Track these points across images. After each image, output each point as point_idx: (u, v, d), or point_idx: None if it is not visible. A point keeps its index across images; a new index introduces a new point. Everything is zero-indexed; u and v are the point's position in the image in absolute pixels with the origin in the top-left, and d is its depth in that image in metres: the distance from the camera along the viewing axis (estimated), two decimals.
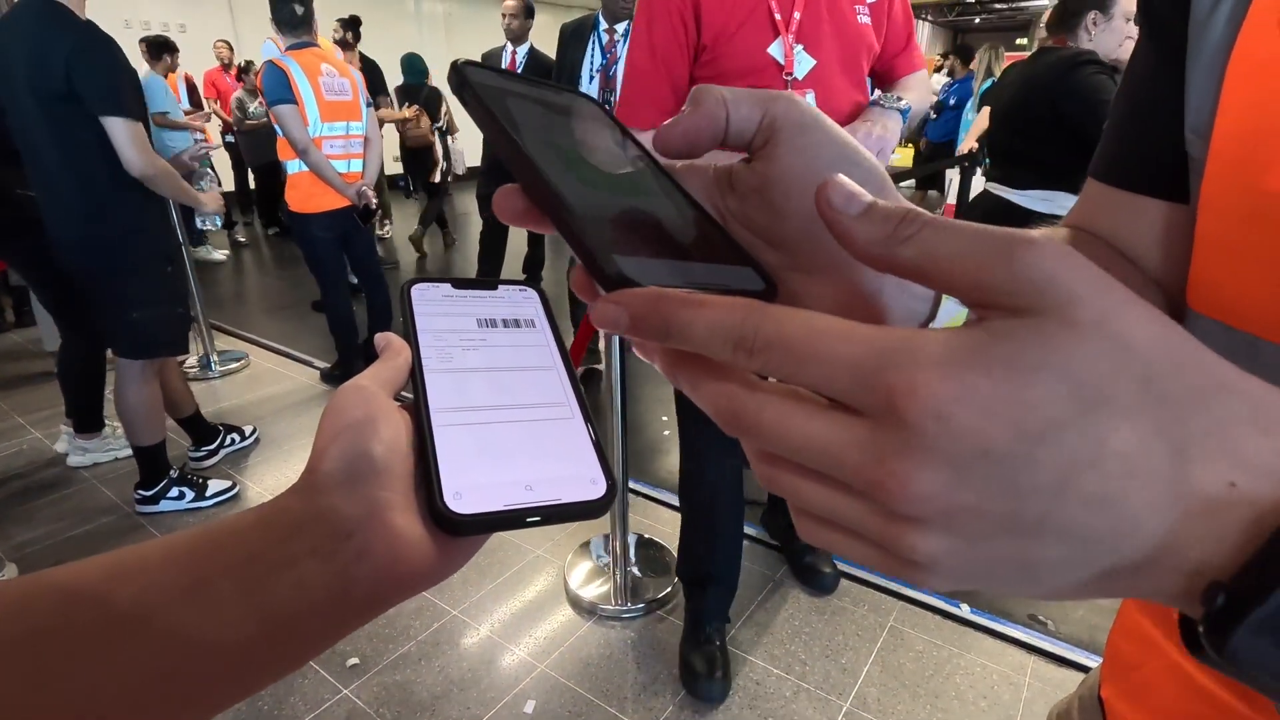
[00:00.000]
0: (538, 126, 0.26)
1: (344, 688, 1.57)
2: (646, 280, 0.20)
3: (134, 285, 2.01)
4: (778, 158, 0.23)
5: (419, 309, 0.32)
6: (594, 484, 0.28)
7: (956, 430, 0.15)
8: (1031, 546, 0.16)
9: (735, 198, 0.26)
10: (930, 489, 0.16)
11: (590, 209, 0.23)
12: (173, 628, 0.22)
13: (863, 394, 0.17)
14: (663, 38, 1.23)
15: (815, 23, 1.19)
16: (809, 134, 0.23)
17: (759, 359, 0.18)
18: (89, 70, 1.81)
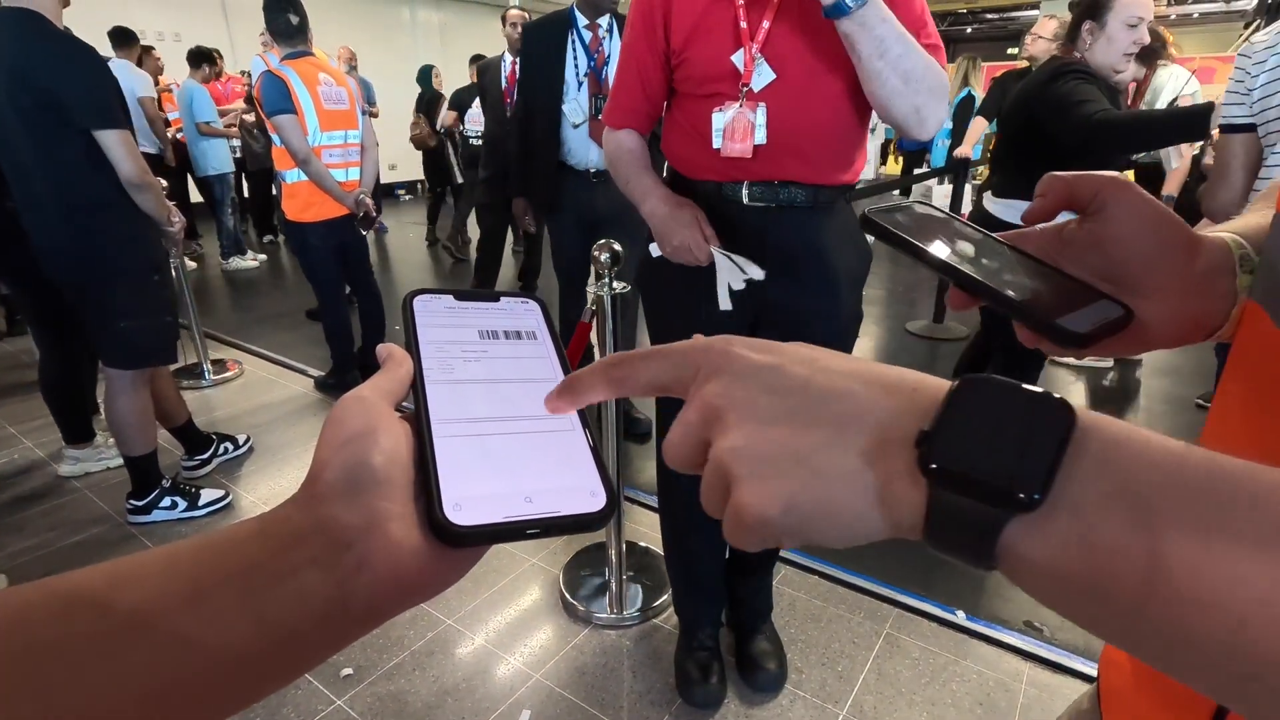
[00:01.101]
0: (938, 242, 0.36)
1: (338, 698, 1.55)
2: (1078, 327, 0.32)
3: (121, 295, 2.00)
4: (1112, 222, 0.35)
5: (421, 320, 0.32)
6: (594, 496, 0.28)
7: (738, 356, 0.26)
8: (798, 433, 0.23)
9: (1071, 250, 0.36)
10: (720, 386, 0.25)
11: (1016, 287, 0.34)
12: (172, 637, 0.22)
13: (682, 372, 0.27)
14: (639, 40, 1.22)
15: (787, 35, 1.13)
16: (1136, 207, 0.35)
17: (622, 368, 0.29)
18: (75, 84, 1.80)
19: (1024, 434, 0.21)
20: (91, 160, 1.86)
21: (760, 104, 1.15)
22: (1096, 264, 0.35)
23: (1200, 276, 0.35)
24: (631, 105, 1.29)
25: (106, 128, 1.84)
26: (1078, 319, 0.32)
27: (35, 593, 0.22)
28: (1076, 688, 1.56)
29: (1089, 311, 0.33)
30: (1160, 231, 0.34)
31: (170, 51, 6.86)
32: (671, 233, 1.19)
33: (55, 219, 1.90)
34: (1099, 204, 0.35)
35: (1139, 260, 0.34)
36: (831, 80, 1.15)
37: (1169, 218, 0.34)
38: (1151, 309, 0.34)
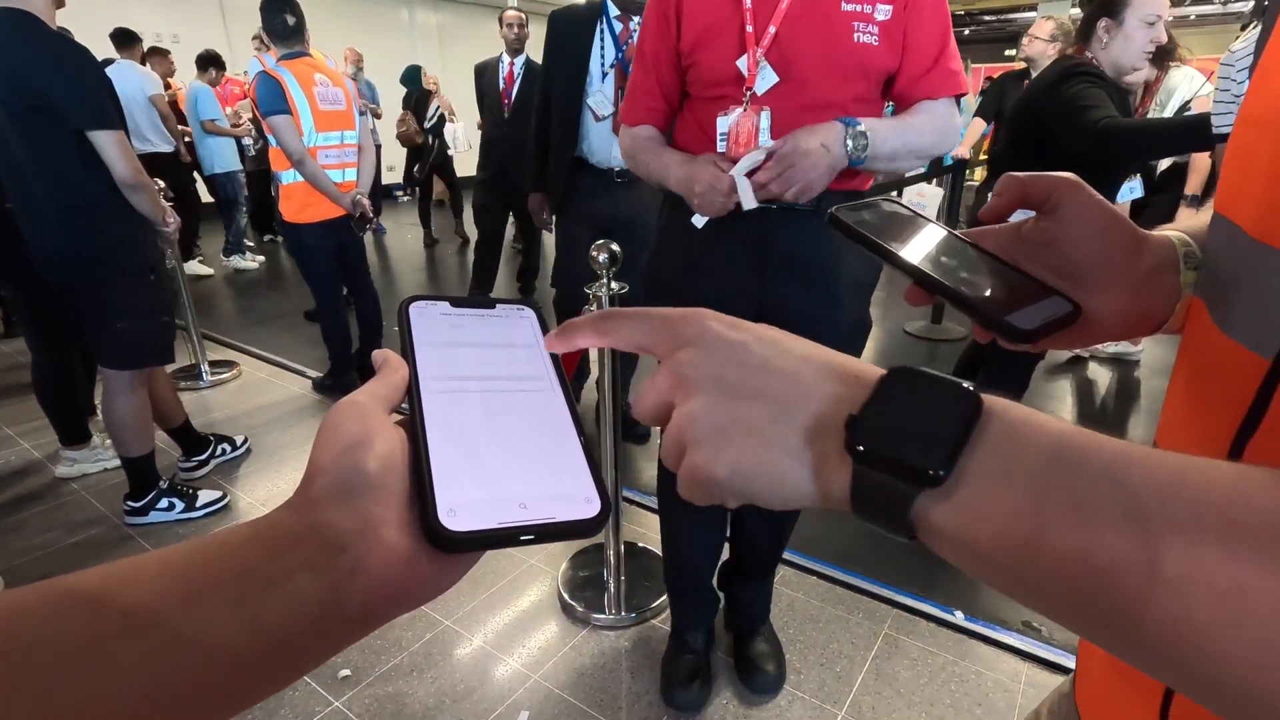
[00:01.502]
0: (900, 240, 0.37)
1: (335, 700, 1.55)
2: (1025, 324, 0.33)
3: (117, 295, 2.00)
4: (1066, 222, 0.37)
5: (416, 327, 0.32)
6: (588, 503, 0.28)
7: (711, 330, 0.29)
8: (750, 406, 0.26)
9: (1028, 247, 0.38)
10: (691, 355, 0.28)
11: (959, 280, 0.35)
12: (166, 639, 0.22)
13: (663, 337, 0.29)
14: (653, 40, 1.24)
15: (793, 40, 1.13)
16: (1088, 207, 0.37)
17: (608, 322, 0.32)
18: (70, 85, 1.79)
19: (935, 419, 0.24)
20: (85, 161, 1.86)
21: (764, 108, 1.15)
22: (1050, 261, 0.37)
23: (1146, 273, 0.37)
24: (649, 103, 1.30)
25: (100, 128, 1.83)
26: (1027, 315, 0.34)
27: (30, 595, 0.22)
28: None
29: (1039, 307, 0.34)
30: (1109, 231, 0.36)
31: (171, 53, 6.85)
32: (693, 183, 1.17)
33: (50, 220, 1.89)
34: (1053, 204, 0.37)
35: (1088, 257, 0.36)
36: (837, 85, 1.15)
37: (1117, 218, 0.36)
38: (1100, 304, 0.36)
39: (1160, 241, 0.38)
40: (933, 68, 1.19)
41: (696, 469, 0.26)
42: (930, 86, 1.20)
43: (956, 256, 0.37)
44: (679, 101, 1.30)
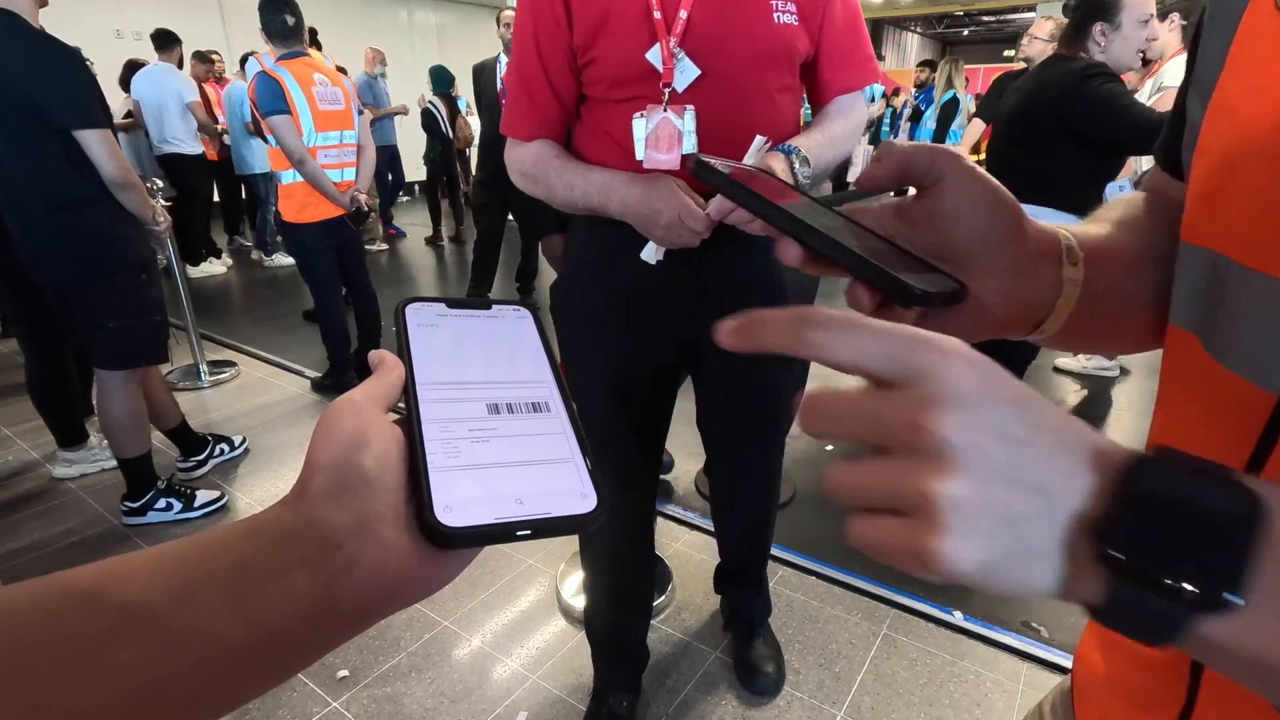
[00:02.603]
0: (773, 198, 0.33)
1: (333, 700, 1.55)
2: (921, 285, 0.29)
3: (108, 295, 1.99)
4: (947, 198, 0.34)
5: (413, 327, 0.32)
6: (584, 498, 0.29)
7: (974, 379, 0.22)
8: (1014, 495, 0.21)
9: (905, 226, 0.35)
10: (957, 420, 0.21)
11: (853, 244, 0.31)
12: (160, 636, 0.22)
13: (899, 366, 0.22)
14: (542, 36, 1.04)
15: (708, 24, 0.98)
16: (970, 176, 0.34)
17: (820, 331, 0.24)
18: (53, 85, 1.78)
19: (1206, 524, 0.20)
20: (71, 160, 1.85)
21: (687, 107, 1.00)
22: (929, 240, 0.35)
23: (1028, 259, 0.35)
24: (543, 113, 1.08)
25: (86, 127, 1.83)
26: (915, 279, 0.30)
27: (24, 591, 0.22)
28: None
29: (926, 279, 0.31)
30: (991, 208, 0.34)
31: None
32: (657, 213, 0.98)
33: (38, 220, 1.89)
34: (934, 177, 0.34)
35: (970, 235, 0.34)
36: (763, 74, 1.02)
37: (1000, 195, 0.34)
38: (983, 288, 0.34)
39: (1043, 229, 0.36)
40: (852, 53, 1.11)
41: (937, 558, 0.21)
42: (852, 77, 1.12)
43: (834, 221, 0.34)
44: (576, 107, 1.11)
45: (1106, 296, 0.38)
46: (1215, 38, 0.32)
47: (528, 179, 1.12)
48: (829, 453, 2.65)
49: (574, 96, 1.09)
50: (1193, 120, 0.35)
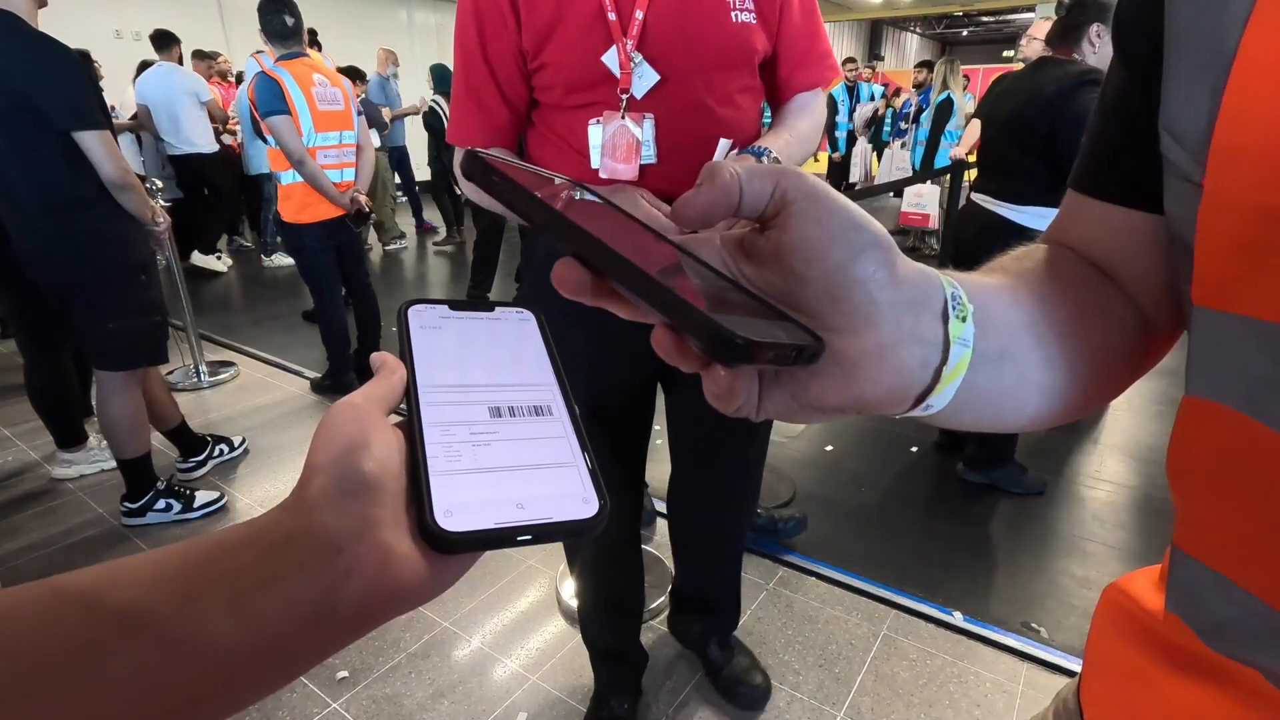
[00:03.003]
0: (570, 209, 0.27)
1: (333, 701, 1.55)
2: (740, 331, 0.22)
3: (108, 296, 1.99)
4: (793, 228, 0.26)
5: (415, 330, 0.32)
6: (586, 503, 0.28)
7: None
8: None
9: (751, 265, 0.28)
10: None
11: (662, 274, 0.24)
12: (159, 640, 0.22)
13: None
14: (488, 38, 0.97)
15: (665, 25, 0.93)
16: (820, 203, 0.26)
17: None
18: (52, 85, 1.78)
19: None
20: (70, 161, 1.85)
21: (647, 116, 0.96)
22: (777, 283, 0.27)
23: (902, 309, 0.26)
24: (494, 119, 1.02)
25: (85, 129, 1.83)
26: (744, 325, 0.23)
27: (22, 595, 0.22)
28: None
29: (766, 326, 0.24)
30: (849, 242, 0.26)
31: None
32: None
33: (36, 221, 1.89)
34: (776, 206, 0.26)
35: (822, 276, 0.26)
36: (724, 77, 0.98)
37: (862, 225, 0.26)
38: (849, 345, 0.26)
39: (922, 272, 0.28)
40: (810, 51, 1.07)
41: None
42: (811, 75, 1.08)
43: (657, 252, 0.27)
44: (527, 112, 1.05)
45: (1008, 363, 0.31)
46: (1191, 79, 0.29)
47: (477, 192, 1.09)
48: (829, 453, 2.65)
49: (525, 101, 1.04)
50: (1180, 166, 0.30)
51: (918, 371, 0.27)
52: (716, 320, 0.22)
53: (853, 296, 0.26)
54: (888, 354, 0.26)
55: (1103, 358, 0.35)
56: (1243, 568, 0.29)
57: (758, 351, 0.22)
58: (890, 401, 0.27)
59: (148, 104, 5.15)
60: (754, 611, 1.82)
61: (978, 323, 0.29)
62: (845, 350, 0.26)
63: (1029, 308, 0.33)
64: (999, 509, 2.28)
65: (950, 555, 2.06)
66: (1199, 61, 0.29)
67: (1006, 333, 0.31)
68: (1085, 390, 0.35)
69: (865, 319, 0.26)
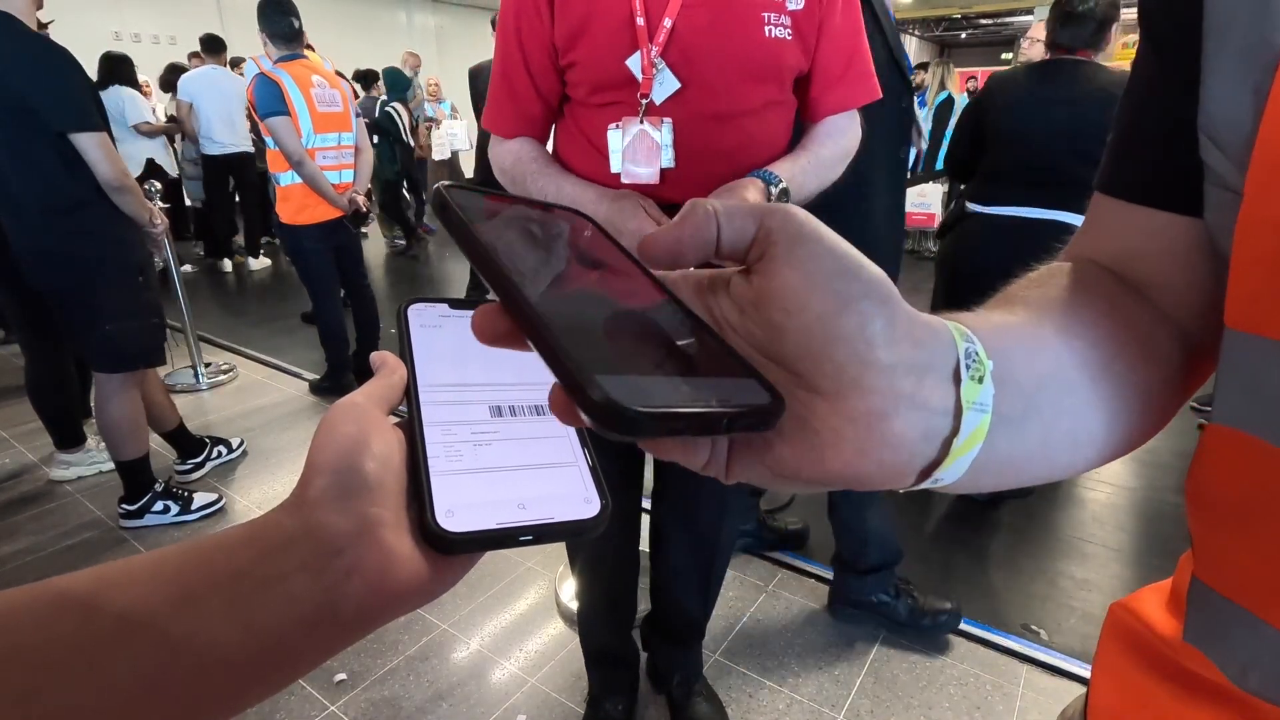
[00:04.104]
0: (522, 244, 0.25)
1: (331, 704, 1.54)
2: (635, 401, 0.18)
3: (105, 298, 1.99)
4: (774, 272, 0.23)
5: (415, 329, 0.32)
6: (588, 503, 0.28)
7: None
8: None
9: (734, 310, 0.25)
10: None
11: (574, 324, 0.21)
12: (159, 642, 0.21)
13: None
14: (525, 30, 0.99)
15: (693, 35, 0.93)
16: (806, 245, 0.22)
17: None
18: (49, 87, 1.78)
19: None
20: (66, 163, 1.84)
21: (665, 120, 0.95)
22: (759, 334, 0.24)
23: (901, 371, 0.22)
24: (526, 110, 1.04)
25: (83, 130, 1.82)
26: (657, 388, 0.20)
27: (20, 596, 0.22)
28: (1074, 691, 1.56)
29: (709, 385, 0.21)
30: (836, 289, 0.22)
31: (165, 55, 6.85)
32: (619, 235, 0.96)
33: (33, 223, 1.88)
34: (761, 245, 0.23)
35: (803, 328, 0.22)
36: (749, 89, 0.97)
37: (857, 271, 0.22)
38: (833, 410, 0.22)
39: (929, 328, 0.24)
40: (847, 70, 1.04)
41: None
42: (845, 96, 1.05)
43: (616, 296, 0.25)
44: (559, 105, 1.06)
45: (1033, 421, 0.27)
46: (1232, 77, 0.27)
47: (507, 178, 1.09)
48: None
49: (557, 94, 1.04)
50: (1220, 173, 0.28)
51: (919, 444, 0.23)
52: (595, 382, 0.18)
53: (838, 353, 0.22)
54: (879, 424, 0.22)
55: (1144, 394, 0.31)
56: (1276, 607, 0.28)
57: (659, 423, 0.19)
58: (884, 477, 0.23)
59: (194, 104, 5.23)
60: (753, 614, 1.82)
61: (998, 380, 0.25)
62: (825, 415, 0.22)
63: (1056, 351, 0.29)
64: (999, 511, 2.28)
65: (950, 557, 2.06)
66: (1241, 58, 0.26)
67: (1031, 386, 0.27)
68: (1126, 433, 0.31)
69: (852, 382, 0.22)
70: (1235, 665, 0.30)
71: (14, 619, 0.21)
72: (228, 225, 5.77)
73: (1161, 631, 0.37)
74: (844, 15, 1.01)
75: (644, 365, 0.21)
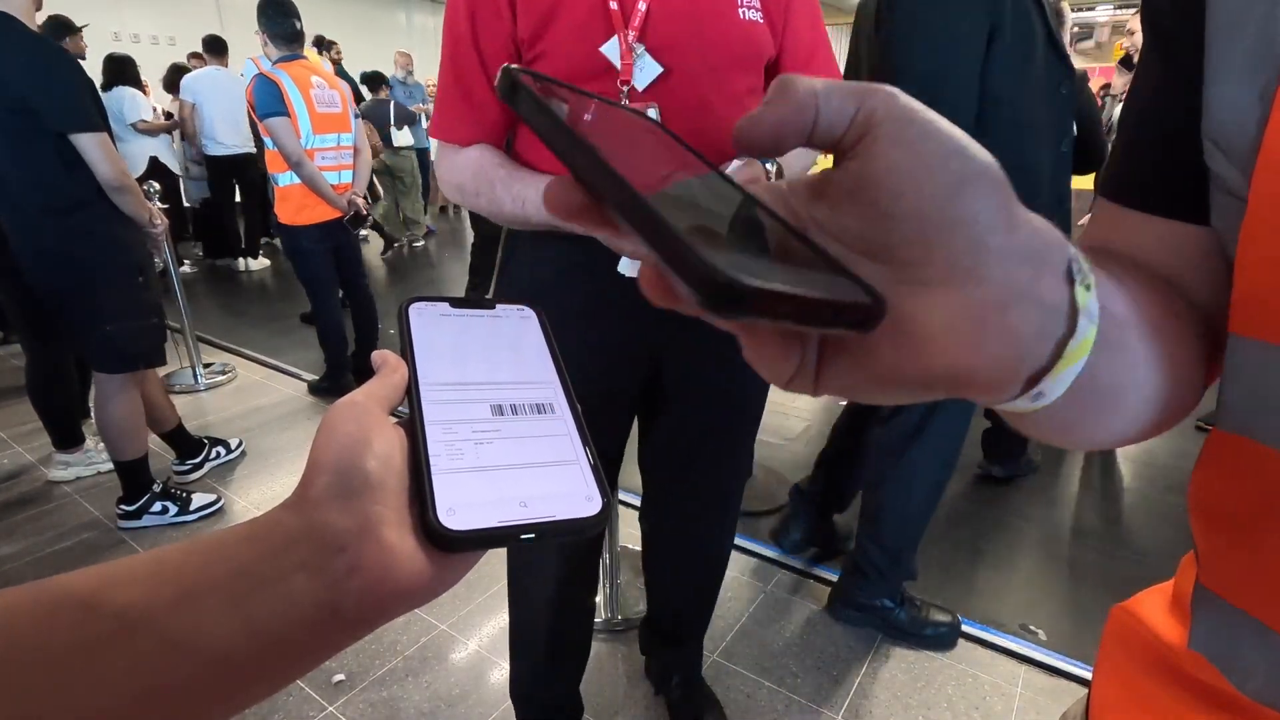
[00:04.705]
0: (600, 127, 0.24)
1: (329, 705, 1.54)
2: (746, 274, 0.16)
3: (105, 298, 1.98)
4: (880, 154, 0.20)
5: (416, 327, 0.32)
6: (589, 501, 0.28)
7: None
8: None
9: (824, 206, 0.22)
10: None
11: (673, 208, 0.19)
12: (159, 640, 0.21)
13: None
14: (480, 27, 0.93)
15: (669, 18, 0.90)
16: (916, 125, 0.20)
17: None
18: (48, 87, 1.78)
19: None
20: (66, 163, 1.84)
21: (651, 104, 0.92)
22: (858, 227, 0.21)
23: (1016, 262, 0.20)
24: (482, 114, 0.96)
25: (83, 131, 1.82)
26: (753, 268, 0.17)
27: (21, 595, 0.22)
28: (1072, 691, 1.56)
29: (794, 274, 0.19)
30: (950, 172, 0.20)
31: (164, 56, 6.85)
32: None
33: (34, 223, 1.88)
34: (860, 127, 0.20)
35: (914, 216, 0.20)
36: (731, 75, 0.94)
37: (968, 154, 0.20)
38: (945, 301, 0.20)
39: (1041, 224, 0.22)
40: (813, 56, 1.03)
41: None
42: None
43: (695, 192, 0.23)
44: None
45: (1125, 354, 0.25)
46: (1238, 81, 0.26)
47: (466, 193, 0.98)
48: None
49: None
50: (1225, 179, 0.28)
51: (1032, 341, 0.21)
52: (704, 257, 0.16)
53: (953, 240, 0.19)
54: (995, 315, 0.20)
55: (1182, 368, 0.30)
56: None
57: (766, 303, 0.17)
58: (993, 379, 0.21)
59: (197, 104, 5.23)
60: (752, 614, 1.82)
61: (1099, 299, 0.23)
62: (935, 308, 0.20)
63: (1127, 300, 0.27)
64: (997, 511, 2.28)
65: (948, 557, 2.06)
66: (1247, 61, 0.26)
67: (1122, 320, 0.25)
68: (1170, 402, 0.30)
69: (969, 270, 0.20)
70: (1241, 673, 0.30)
71: (14, 618, 0.21)
72: (235, 225, 5.79)
73: (1164, 636, 0.37)
74: (806, 1, 1.01)
75: (748, 251, 0.19)
